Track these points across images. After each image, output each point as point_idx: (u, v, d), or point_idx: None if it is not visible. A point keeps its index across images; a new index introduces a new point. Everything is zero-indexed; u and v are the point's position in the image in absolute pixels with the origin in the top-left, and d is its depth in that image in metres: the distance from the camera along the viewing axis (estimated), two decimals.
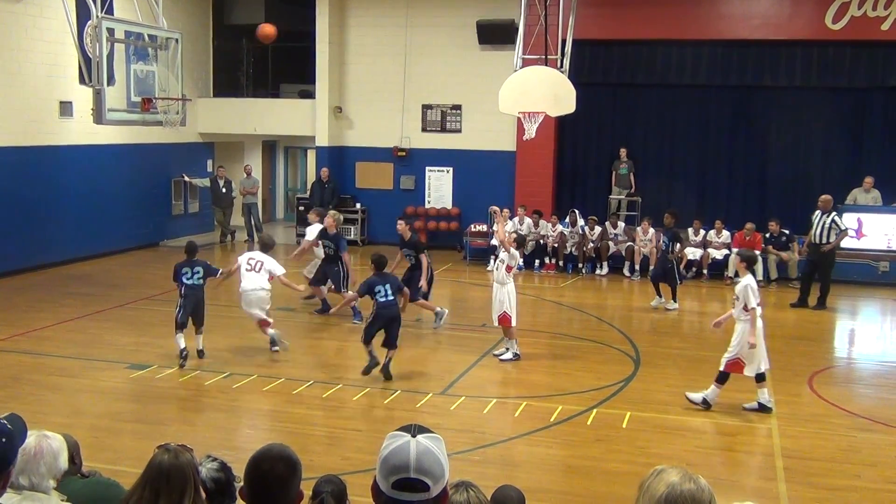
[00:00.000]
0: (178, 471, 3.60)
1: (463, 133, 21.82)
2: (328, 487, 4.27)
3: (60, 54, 17.06)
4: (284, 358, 11.89)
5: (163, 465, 3.60)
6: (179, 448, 3.71)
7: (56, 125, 17.95)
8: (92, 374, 10.95)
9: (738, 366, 9.85)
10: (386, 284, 10.88)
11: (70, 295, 15.48)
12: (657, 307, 15.55)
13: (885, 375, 12.03)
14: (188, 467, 3.65)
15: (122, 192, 19.88)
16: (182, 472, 3.61)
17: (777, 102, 20.29)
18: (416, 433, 2.63)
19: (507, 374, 11.44)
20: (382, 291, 10.82)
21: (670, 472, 2.66)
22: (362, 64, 22.25)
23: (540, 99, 14.60)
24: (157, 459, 3.63)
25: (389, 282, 11.02)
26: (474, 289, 17.71)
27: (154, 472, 3.60)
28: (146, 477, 3.61)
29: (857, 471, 8.36)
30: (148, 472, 3.62)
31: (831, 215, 15.71)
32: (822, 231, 15.65)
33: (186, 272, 11.35)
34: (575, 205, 20.28)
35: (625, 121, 21.31)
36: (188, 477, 3.63)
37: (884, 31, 18.40)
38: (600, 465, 8.39)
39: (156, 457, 3.64)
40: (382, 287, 10.83)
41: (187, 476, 3.62)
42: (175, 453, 3.66)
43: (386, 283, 10.93)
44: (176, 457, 3.64)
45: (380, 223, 22.33)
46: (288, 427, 9.21)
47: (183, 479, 3.60)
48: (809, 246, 16.13)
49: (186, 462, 3.66)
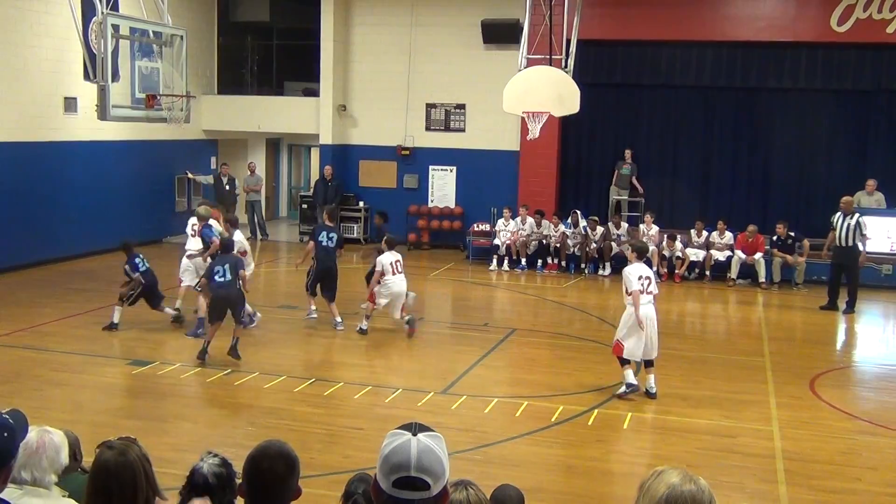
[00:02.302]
0: (126, 468, 3.42)
1: (467, 132, 21.82)
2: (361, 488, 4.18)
3: (65, 50, 17.09)
4: (286, 355, 11.89)
5: (109, 464, 3.42)
6: (123, 442, 3.54)
7: (60, 121, 17.98)
8: (94, 370, 10.97)
9: (619, 348, 10.32)
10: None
11: (73, 291, 15.51)
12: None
13: (887, 378, 12.01)
14: (137, 461, 3.45)
15: (125, 189, 19.90)
16: (131, 468, 3.42)
17: (781, 104, 20.26)
18: (417, 431, 2.63)
19: (508, 374, 11.44)
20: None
21: (670, 472, 2.66)
22: (367, 62, 22.26)
23: (544, 99, 14.58)
24: (102, 459, 3.43)
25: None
26: (476, 288, 17.73)
27: (102, 474, 3.41)
28: (94, 481, 3.43)
29: (857, 474, 8.35)
30: (95, 475, 3.44)
31: (855, 217, 15.63)
32: (847, 233, 15.57)
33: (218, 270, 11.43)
34: (578, 205, 20.27)
35: (629, 121, 21.29)
36: (138, 471, 3.44)
37: (889, 33, 18.37)
38: (601, 465, 8.39)
39: (99, 457, 3.45)
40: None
41: (136, 471, 3.43)
42: (119, 450, 3.47)
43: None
44: (121, 453, 3.45)
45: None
46: (289, 425, 9.22)
47: (132, 475, 3.42)
48: (834, 249, 16.01)
49: (135, 456, 3.47)
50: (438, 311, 15.45)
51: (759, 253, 18.01)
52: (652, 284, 10.42)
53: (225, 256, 11.66)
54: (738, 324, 15.74)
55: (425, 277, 18.35)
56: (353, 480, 4.30)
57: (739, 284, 18.06)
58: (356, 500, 4.05)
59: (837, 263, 15.86)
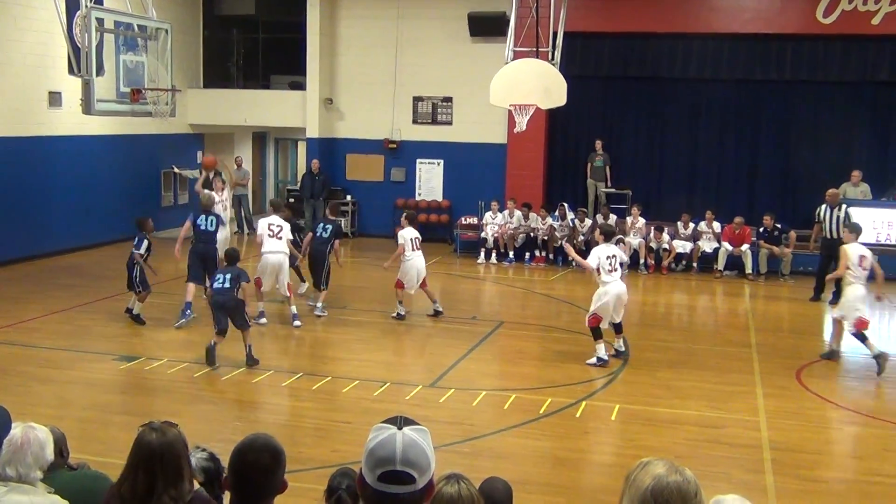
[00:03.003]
0: (169, 448, 3.48)
1: (454, 125, 21.80)
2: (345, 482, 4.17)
3: (50, 44, 16.98)
4: (273, 350, 11.87)
5: (153, 444, 3.46)
6: (165, 425, 3.59)
7: (45, 116, 17.87)
8: (81, 366, 10.93)
9: (597, 319, 11.22)
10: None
11: (59, 286, 15.43)
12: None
13: (873, 368, 12.04)
14: (178, 443, 3.53)
15: (111, 184, 19.80)
16: (174, 449, 3.49)
17: (767, 96, 20.33)
18: (402, 425, 2.63)
19: (496, 366, 11.46)
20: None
21: (656, 464, 2.67)
22: (353, 56, 22.20)
23: (531, 91, 14.58)
24: (146, 440, 3.48)
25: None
26: (464, 281, 17.73)
27: (145, 453, 3.46)
28: (137, 459, 3.47)
29: (843, 463, 8.42)
30: (138, 453, 3.48)
31: (843, 208, 15.72)
32: (835, 225, 15.65)
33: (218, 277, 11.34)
34: (566, 198, 20.29)
35: (616, 114, 21.32)
36: (181, 454, 3.52)
37: (874, 25, 18.43)
38: (588, 457, 8.42)
39: (143, 437, 3.50)
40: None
41: (180, 453, 3.51)
42: (162, 431, 3.53)
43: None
44: (164, 434, 3.51)
45: (370, 215, 22.35)
46: (277, 419, 9.21)
47: (177, 457, 3.49)
48: (823, 241, 16.09)
49: (175, 438, 3.53)
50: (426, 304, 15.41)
51: (746, 244, 18.08)
52: (618, 262, 11.34)
53: (229, 267, 11.43)
54: (725, 315, 15.80)
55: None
56: (336, 475, 4.29)
57: (726, 276, 18.13)
58: (340, 496, 4.04)
59: (826, 255, 15.93)
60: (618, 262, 11.34)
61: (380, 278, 15.19)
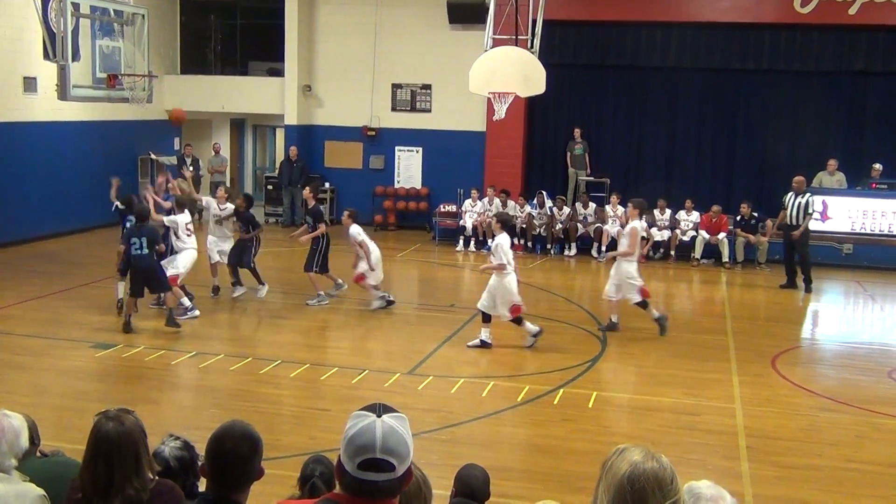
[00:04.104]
0: (126, 437, 3.47)
1: (433, 113, 21.76)
2: (318, 469, 4.17)
3: (24, 29, 16.78)
4: (251, 338, 11.83)
5: (110, 434, 3.46)
6: (121, 413, 3.57)
7: (20, 101, 17.67)
8: (56, 353, 10.85)
9: (519, 308, 11.51)
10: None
11: (34, 273, 15.30)
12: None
13: (848, 356, 12.21)
14: (135, 431, 3.52)
15: (87, 170, 19.59)
16: (131, 437, 3.48)
17: (745, 85, 20.40)
18: (382, 413, 2.63)
19: (474, 354, 11.48)
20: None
21: (633, 450, 2.70)
22: (332, 42, 22.09)
23: (510, 79, 14.56)
24: (103, 430, 3.48)
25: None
26: (443, 269, 17.74)
27: (103, 443, 3.47)
28: (95, 450, 3.48)
29: (818, 450, 8.49)
30: (95, 443, 3.49)
31: (805, 196, 15.89)
32: (796, 212, 15.83)
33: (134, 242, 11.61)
34: (544, 186, 20.30)
35: (594, 102, 21.32)
36: (138, 441, 3.51)
37: (851, 15, 18.52)
38: (566, 444, 8.45)
39: (100, 427, 3.50)
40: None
41: (137, 440, 3.50)
42: (119, 419, 3.52)
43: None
44: (121, 423, 3.51)
45: (349, 203, 22.14)
46: (255, 406, 9.19)
47: (134, 445, 3.48)
48: (784, 227, 16.26)
49: (132, 426, 3.52)
50: (405, 292, 15.42)
51: (723, 233, 18.19)
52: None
53: (142, 227, 11.75)
54: (702, 303, 15.91)
55: (392, 258, 18.32)
56: (309, 462, 4.29)
57: (703, 264, 18.24)
58: (314, 484, 4.04)
59: (788, 243, 16.14)
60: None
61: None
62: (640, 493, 2.59)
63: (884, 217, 18.04)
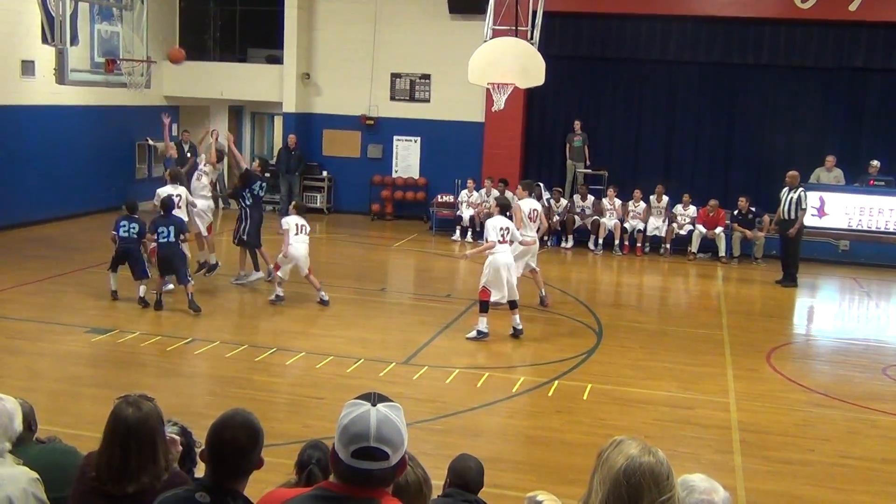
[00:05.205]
0: (144, 423, 3.51)
1: (431, 103, 21.72)
2: (315, 455, 4.16)
3: (23, 13, 16.70)
4: (247, 325, 11.83)
5: (129, 420, 3.50)
6: (140, 399, 3.61)
7: (18, 85, 17.60)
8: (52, 338, 10.84)
9: (486, 293, 11.40)
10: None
11: (30, 258, 15.28)
12: None
13: (843, 352, 12.23)
14: (152, 417, 3.56)
15: (85, 155, 19.57)
16: (148, 423, 3.52)
17: (744, 80, 20.38)
18: (376, 402, 2.63)
19: (469, 345, 11.48)
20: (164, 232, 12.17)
21: (629, 444, 2.69)
22: (331, 31, 22.03)
23: (509, 70, 14.53)
24: (123, 415, 3.51)
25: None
26: (439, 259, 17.73)
27: (122, 428, 3.49)
28: (113, 434, 3.51)
29: (811, 445, 8.51)
30: (114, 428, 3.51)
31: (798, 191, 15.91)
32: (789, 207, 15.87)
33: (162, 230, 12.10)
34: (542, 177, 20.25)
35: (593, 94, 21.30)
36: (155, 427, 3.55)
37: (851, 11, 18.50)
38: (560, 435, 8.47)
39: (119, 412, 3.52)
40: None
41: (154, 427, 3.54)
42: (137, 405, 3.56)
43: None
44: (140, 408, 3.54)
45: (346, 191, 22.27)
46: (250, 393, 9.19)
47: (151, 431, 3.52)
48: (779, 223, 16.29)
49: (150, 411, 3.56)
50: (401, 281, 15.44)
51: (720, 227, 18.19)
52: (510, 234, 11.52)
53: (169, 217, 12.29)
54: (698, 297, 15.91)
55: (388, 248, 18.35)
56: (306, 448, 4.27)
57: (700, 258, 18.24)
58: (311, 471, 4.03)
59: (783, 237, 16.18)
60: (510, 235, 11.51)
61: (353, 255, 15.15)
62: (635, 487, 2.59)
63: (881, 214, 18.06)
